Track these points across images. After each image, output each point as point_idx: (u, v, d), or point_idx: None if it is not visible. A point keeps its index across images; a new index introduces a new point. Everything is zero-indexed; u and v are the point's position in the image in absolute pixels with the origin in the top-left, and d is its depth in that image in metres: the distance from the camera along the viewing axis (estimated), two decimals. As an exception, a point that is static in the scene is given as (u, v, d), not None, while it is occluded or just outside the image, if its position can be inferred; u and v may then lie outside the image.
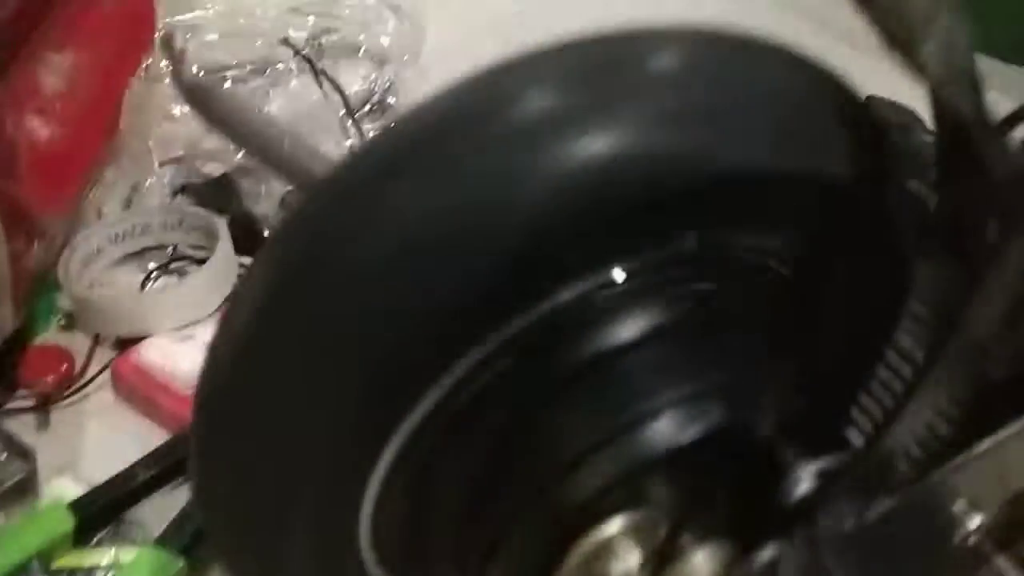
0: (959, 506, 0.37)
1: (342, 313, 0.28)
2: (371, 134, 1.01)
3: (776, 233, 0.32)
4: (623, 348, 0.31)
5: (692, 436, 0.30)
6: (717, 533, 0.31)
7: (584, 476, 0.29)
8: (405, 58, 1.13)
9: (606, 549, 0.28)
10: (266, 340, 0.29)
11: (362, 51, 1.16)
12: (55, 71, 0.90)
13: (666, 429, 0.30)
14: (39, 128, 0.83)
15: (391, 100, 1.09)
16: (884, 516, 0.31)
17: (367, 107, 1.06)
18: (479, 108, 0.28)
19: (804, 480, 0.30)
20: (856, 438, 0.33)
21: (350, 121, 0.92)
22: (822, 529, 0.30)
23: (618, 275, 0.31)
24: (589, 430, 0.30)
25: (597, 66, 0.29)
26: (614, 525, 0.28)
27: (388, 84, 1.12)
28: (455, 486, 0.31)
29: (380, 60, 1.17)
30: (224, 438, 0.31)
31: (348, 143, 0.90)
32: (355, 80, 1.11)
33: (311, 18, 1.19)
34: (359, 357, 0.29)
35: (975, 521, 0.37)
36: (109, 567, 0.56)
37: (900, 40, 0.26)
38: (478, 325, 0.30)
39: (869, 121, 0.30)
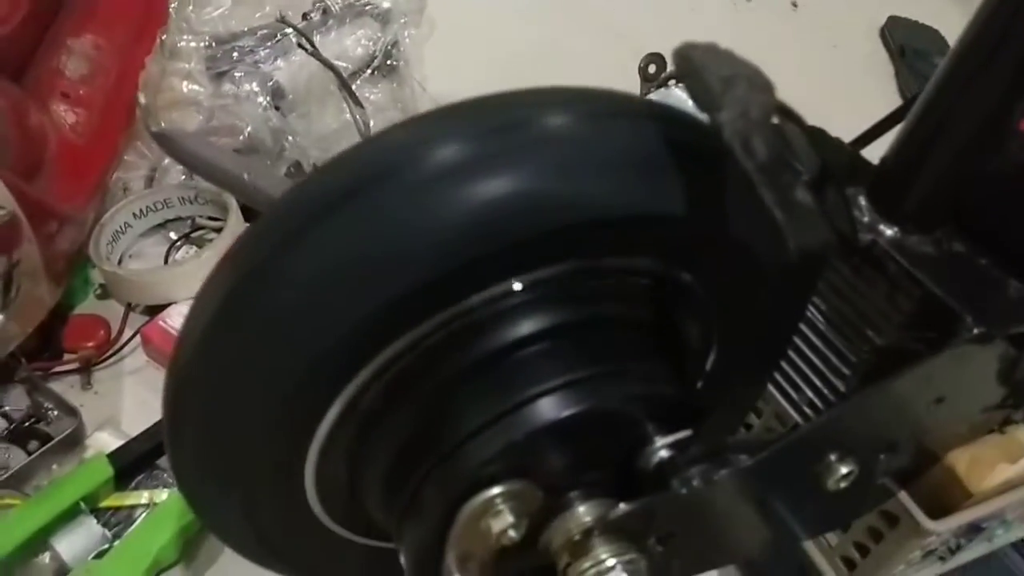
0: (832, 456, 0.44)
1: (288, 314, 0.35)
2: (371, 98, 1.07)
3: (638, 256, 0.38)
4: (518, 343, 0.38)
5: (568, 413, 0.37)
6: (593, 493, 0.38)
7: (476, 448, 0.37)
8: (403, 20, 1.16)
9: (489, 510, 0.35)
10: (220, 337, 0.37)
11: (366, 11, 1.20)
12: (76, 56, 0.97)
13: (548, 408, 0.37)
14: (65, 113, 0.90)
15: (394, 62, 1.14)
16: (733, 475, 0.38)
17: (369, 70, 1.10)
18: (396, 158, 0.35)
19: (659, 451, 0.37)
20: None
21: (346, 92, 0.96)
22: (673, 489, 0.37)
23: (516, 286, 0.37)
24: (484, 409, 0.38)
25: (493, 127, 0.35)
26: (495, 489, 0.35)
27: (392, 44, 1.17)
28: (382, 452, 0.39)
29: (383, 19, 1.21)
30: (190, 410, 0.39)
31: (345, 113, 0.96)
32: (359, 42, 1.16)
33: (315, -20, 1.23)
34: (303, 346, 0.36)
35: (846, 468, 0.44)
36: (146, 506, 0.67)
37: (704, 106, 0.31)
38: (401, 322, 0.37)
39: (711, 159, 0.35)
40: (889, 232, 0.47)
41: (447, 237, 0.34)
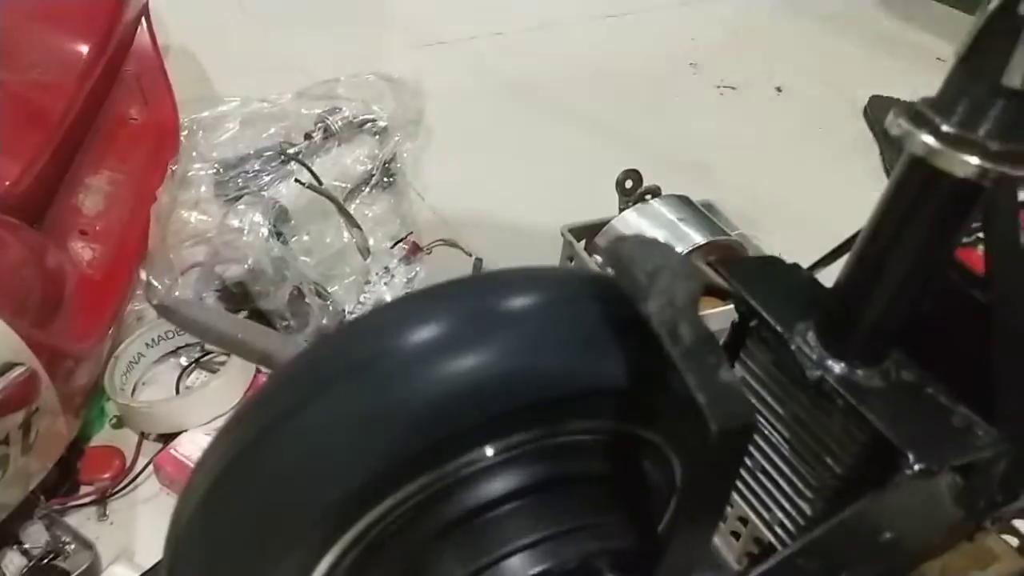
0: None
1: (278, 484, 0.39)
2: (369, 215, 1.12)
3: (599, 420, 0.41)
4: (489, 504, 0.41)
5: (533, 572, 0.40)
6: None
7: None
8: (398, 137, 1.22)
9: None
10: (218, 504, 0.41)
11: (364, 130, 1.27)
12: (92, 192, 1.03)
13: (517, 567, 0.40)
14: (82, 250, 0.96)
15: (391, 177, 1.20)
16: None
17: (367, 189, 1.17)
18: (378, 346, 0.39)
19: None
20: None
21: (344, 216, 1.01)
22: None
23: (489, 451, 0.41)
24: (457, 569, 0.41)
25: (470, 311, 0.39)
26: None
27: (390, 159, 1.23)
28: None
29: (381, 135, 1.27)
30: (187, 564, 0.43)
31: (344, 235, 1.01)
32: (358, 160, 1.22)
33: (317, 102, 1.31)
34: (291, 515, 0.39)
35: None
36: (159, 639, 0.69)
37: (633, 297, 0.35)
38: (382, 490, 0.40)
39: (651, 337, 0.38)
40: (837, 368, 0.50)
41: (427, 413, 0.38)
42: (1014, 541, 0.59)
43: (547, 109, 1.52)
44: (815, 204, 1.33)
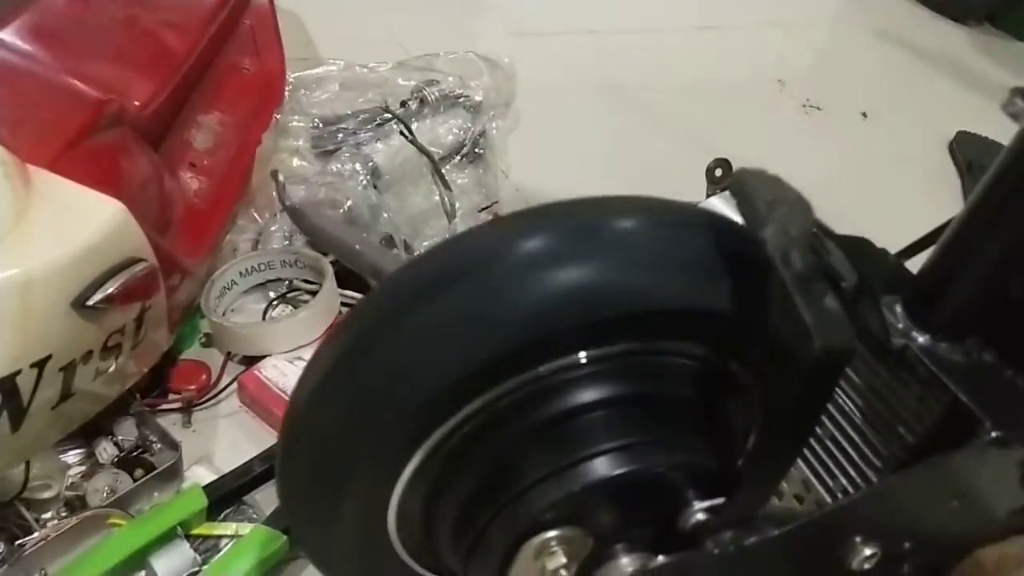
0: (857, 538, 0.48)
1: (385, 374, 0.43)
2: (459, 182, 1.16)
3: (690, 343, 0.44)
4: (580, 409, 0.45)
5: (619, 471, 0.43)
6: (636, 546, 0.44)
7: (538, 495, 0.43)
8: (492, 113, 1.26)
9: (545, 550, 0.41)
10: (340, 377, 0.45)
11: (459, 102, 1.32)
12: (203, 130, 1.10)
13: (602, 466, 0.43)
14: (191, 181, 1.02)
15: (481, 150, 1.24)
16: (762, 543, 0.43)
17: (458, 157, 1.21)
18: (491, 250, 0.43)
19: (696, 513, 0.43)
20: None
21: (438, 176, 1.06)
22: (706, 548, 0.42)
23: (583, 358, 0.44)
24: (547, 463, 0.44)
25: (578, 227, 0.43)
26: (552, 532, 0.41)
27: (480, 134, 1.27)
28: (454, 497, 0.45)
29: (474, 110, 1.32)
30: (299, 448, 0.47)
31: (434, 195, 1.05)
32: (451, 130, 1.27)
33: (415, 73, 1.36)
34: (394, 404, 0.43)
35: (869, 550, 0.48)
36: (232, 537, 0.74)
37: (751, 223, 0.38)
38: (486, 381, 0.43)
39: (758, 266, 0.41)
40: (921, 339, 0.52)
41: (531, 312, 0.41)
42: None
43: (632, 108, 1.55)
44: (889, 230, 1.33)
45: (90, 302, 0.61)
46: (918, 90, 1.81)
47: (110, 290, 0.63)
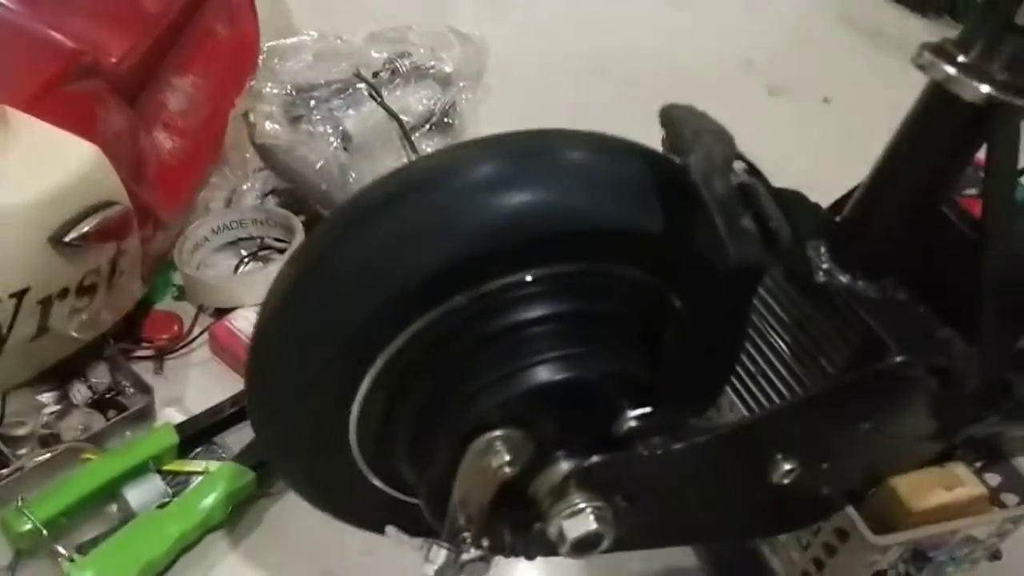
0: (778, 454, 0.53)
1: (333, 293, 0.47)
2: (428, 149, 1.20)
3: (629, 266, 0.48)
4: (525, 323, 0.48)
5: (558, 377, 0.47)
6: (575, 451, 0.48)
7: (483, 398, 0.47)
8: (462, 84, 1.30)
9: (490, 449, 0.45)
10: (307, 283, 0.48)
11: (430, 73, 1.35)
12: (177, 92, 1.12)
13: (542, 373, 0.47)
14: (164, 140, 1.04)
15: (450, 120, 1.28)
16: (689, 448, 0.48)
17: (427, 126, 1.24)
18: (442, 170, 0.47)
19: (629, 420, 0.47)
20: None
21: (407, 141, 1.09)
22: (637, 450, 0.46)
23: (528, 277, 0.48)
24: (493, 370, 0.47)
25: (521, 152, 0.47)
26: (496, 432, 0.45)
27: (450, 105, 1.31)
28: (409, 405, 0.49)
29: (444, 82, 1.35)
30: (264, 364, 0.50)
31: (404, 159, 1.09)
32: (421, 100, 1.30)
33: (388, 44, 1.39)
34: (350, 314, 0.46)
35: (788, 465, 0.52)
36: (202, 474, 0.77)
37: (676, 151, 0.42)
38: (430, 298, 0.47)
39: (684, 190, 0.45)
40: (843, 278, 0.56)
41: (480, 228, 0.45)
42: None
43: (600, 82, 1.59)
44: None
45: (67, 239, 0.64)
46: (878, 77, 1.86)
47: (85, 228, 0.66)
